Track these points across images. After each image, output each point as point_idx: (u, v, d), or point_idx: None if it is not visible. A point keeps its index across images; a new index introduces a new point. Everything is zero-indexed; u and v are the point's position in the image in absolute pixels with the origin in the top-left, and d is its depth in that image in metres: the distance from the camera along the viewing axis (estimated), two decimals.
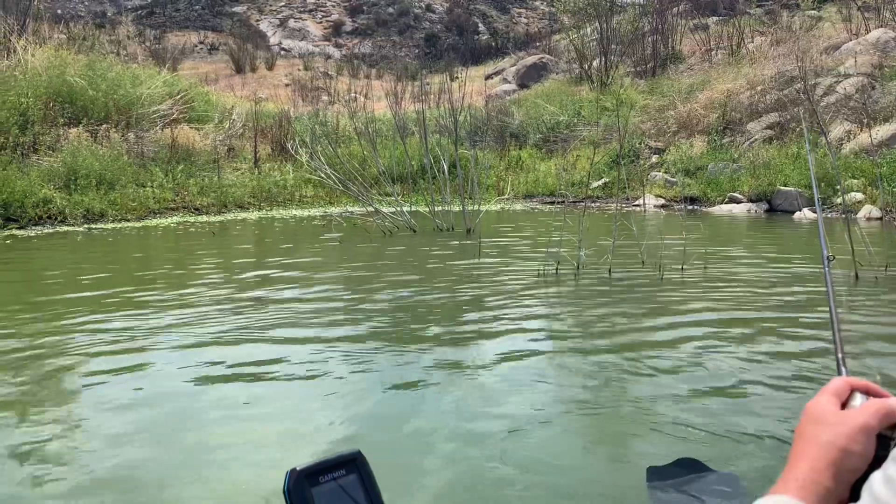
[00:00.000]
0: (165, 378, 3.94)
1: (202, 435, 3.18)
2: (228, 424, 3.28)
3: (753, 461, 2.85)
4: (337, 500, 0.77)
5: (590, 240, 7.95)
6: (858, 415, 0.74)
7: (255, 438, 3.12)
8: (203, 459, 2.93)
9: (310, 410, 3.45)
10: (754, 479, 2.67)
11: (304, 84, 30.66)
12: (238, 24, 43.79)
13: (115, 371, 4.04)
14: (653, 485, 2.59)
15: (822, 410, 0.76)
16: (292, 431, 3.22)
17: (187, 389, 3.78)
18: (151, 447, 3.06)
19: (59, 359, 4.32)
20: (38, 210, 11.46)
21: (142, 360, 4.25)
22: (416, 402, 3.55)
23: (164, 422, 3.34)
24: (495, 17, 46.03)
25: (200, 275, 7.24)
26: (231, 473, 2.81)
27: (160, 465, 2.88)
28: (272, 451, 2.99)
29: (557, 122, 19.58)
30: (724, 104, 16.70)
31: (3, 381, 3.92)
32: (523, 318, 5.30)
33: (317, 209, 14.32)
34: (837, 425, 0.73)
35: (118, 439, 3.12)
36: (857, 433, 0.72)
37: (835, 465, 0.71)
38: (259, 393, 3.71)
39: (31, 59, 15.08)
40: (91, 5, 45.55)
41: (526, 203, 15.64)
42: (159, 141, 15.13)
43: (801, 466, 0.73)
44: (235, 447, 3.03)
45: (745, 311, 5.40)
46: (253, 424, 3.28)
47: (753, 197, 13.32)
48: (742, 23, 22.46)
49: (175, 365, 4.16)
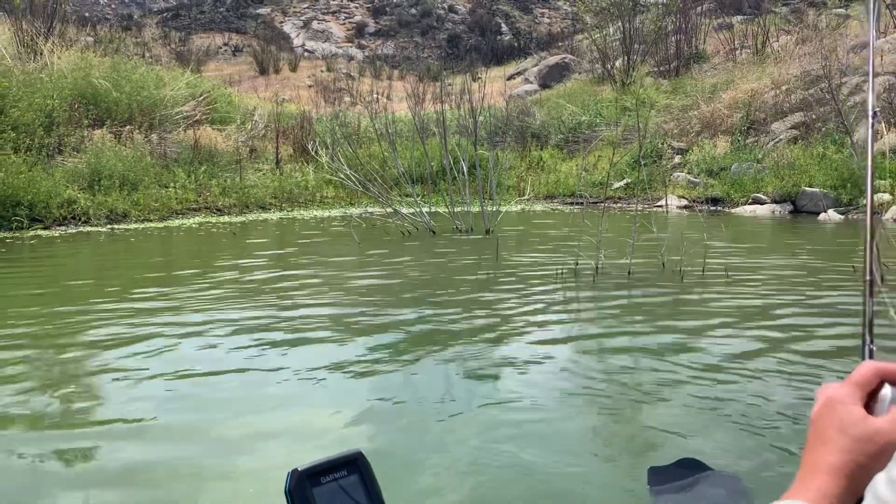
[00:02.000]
0: (184, 373, 3.99)
1: (223, 430, 3.20)
2: (248, 419, 3.30)
3: (755, 461, 2.82)
4: (338, 500, 0.77)
5: (610, 241, 7.89)
6: (887, 428, 0.69)
7: (270, 434, 3.14)
8: (221, 454, 2.95)
9: (324, 409, 3.45)
10: (756, 479, 2.64)
11: (326, 85, 30.81)
12: (262, 26, 44.13)
13: (133, 365, 4.11)
14: (654, 486, 2.57)
15: (844, 413, 0.71)
16: (304, 428, 3.24)
17: (205, 383, 3.84)
18: (166, 441, 3.11)
19: (79, 351, 4.39)
20: (62, 210, 11.59)
21: (160, 355, 4.30)
22: (430, 402, 3.53)
23: (183, 415, 3.39)
24: (518, 17, 45.95)
25: (219, 273, 7.27)
26: (246, 469, 2.81)
27: (177, 459, 2.91)
28: (284, 447, 2.99)
29: (579, 122, 19.49)
30: (748, 104, 16.51)
31: (25, 375, 4.02)
32: (538, 319, 5.26)
33: (337, 210, 14.36)
34: (863, 442, 0.69)
35: (135, 431, 3.17)
36: (882, 453, 0.68)
37: (854, 480, 0.69)
38: (273, 392, 3.72)
39: (58, 62, 15.28)
40: (118, 8, 46.12)
41: (547, 204, 15.58)
42: (182, 142, 15.25)
43: (821, 477, 0.69)
44: (255, 443, 3.05)
45: (764, 312, 5.32)
46: (269, 421, 3.29)
47: (777, 198, 13.14)
48: (767, 21, 22.19)
49: (195, 360, 4.22)
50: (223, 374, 4.01)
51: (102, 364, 4.20)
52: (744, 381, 3.74)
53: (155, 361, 4.21)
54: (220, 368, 4.09)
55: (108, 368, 4.12)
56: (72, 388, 3.81)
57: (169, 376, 3.94)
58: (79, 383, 3.92)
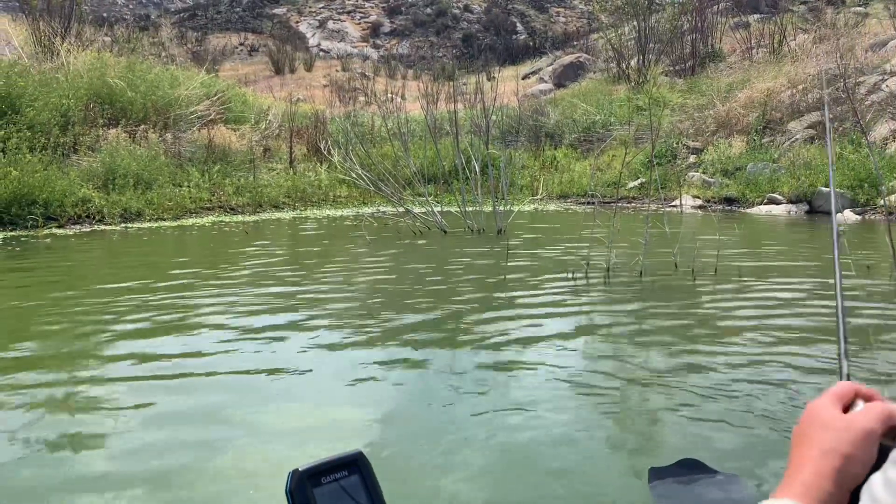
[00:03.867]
0: (199, 366, 4.05)
1: (226, 429, 3.20)
2: (255, 418, 3.31)
3: (756, 461, 2.79)
4: (339, 500, 0.77)
5: (622, 241, 7.84)
6: (861, 419, 0.74)
7: (276, 432, 3.15)
8: (223, 455, 2.95)
9: (333, 408, 3.46)
10: (757, 479, 2.63)
11: (341, 85, 30.87)
12: (278, 26, 44.30)
13: (151, 358, 4.19)
14: (655, 486, 2.56)
15: (825, 414, 0.76)
16: (311, 427, 3.24)
17: (222, 377, 3.89)
18: (170, 436, 3.13)
19: (98, 347, 4.44)
20: (77, 209, 11.67)
21: (176, 350, 4.36)
22: (439, 402, 3.53)
23: (200, 410, 3.43)
24: (533, 16, 45.85)
25: (232, 271, 7.29)
26: (252, 468, 2.81)
27: (178, 457, 2.91)
28: (290, 446, 2.98)
29: (593, 121, 19.40)
30: (764, 103, 16.36)
31: (44, 370, 4.09)
32: (547, 320, 5.22)
33: (350, 209, 14.38)
34: (841, 430, 0.74)
35: (150, 426, 3.22)
36: (861, 439, 0.72)
37: (838, 470, 0.72)
38: (286, 388, 3.74)
39: (74, 62, 15.39)
40: (136, 8, 46.45)
41: (560, 203, 15.51)
42: (196, 141, 15.32)
43: (805, 470, 0.73)
44: (262, 441, 3.05)
45: (774, 313, 5.26)
46: (275, 420, 3.30)
47: (793, 198, 13.01)
48: (784, 20, 22.00)
49: (209, 354, 4.28)
50: (229, 373, 4.03)
51: (115, 357, 4.23)
52: (750, 382, 3.70)
53: (162, 360, 4.23)
54: (227, 366, 4.11)
55: (131, 359, 4.17)
56: (82, 385, 3.82)
57: (177, 372, 3.98)
58: (90, 380, 3.94)
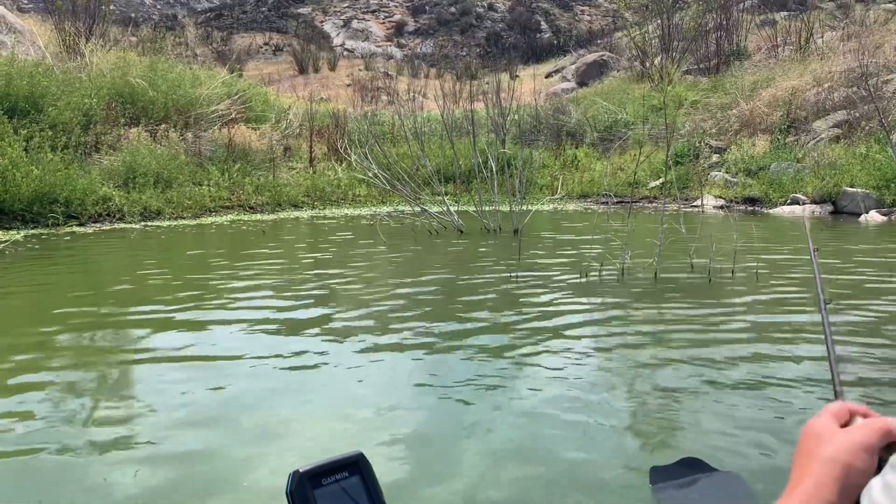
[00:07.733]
0: (221, 364, 4.12)
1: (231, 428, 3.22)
2: (271, 413, 3.32)
3: (757, 462, 2.76)
4: (339, 501, 0.77)
5: (640, 241, 7.73)
6: (860, 432, 0.76)
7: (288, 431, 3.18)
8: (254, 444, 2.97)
9: (338, 408, 3.46)
10: (758, 479, 2.60)
11: (364, 84, 30.90)
12: (303, 26, 44.47)
13: (173, 357, 4.25)
14: (655, 486, 2.53)
15: (824, 429, 0.78)
16: (327, 424, 3.26)
17: (243, 373, 3.95)
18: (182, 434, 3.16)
19: (120, 343, 4.54)
20: (97, 207, 11.79)
21: (196, 350, 4.41)
22: (444, 402, 3.51)
23: (220, 406, 3.46)
24: (558, 14, 45.60)
25: (248, 269, 7.30)
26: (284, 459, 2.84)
27: (183, 456, 2.93)
28: (300, 445, 2.99)
29: (615, 120, 19.23)
30: (788, 102, 16.10)
31: (67, 365, 4.15)
32: (560, 319, 5.16)
33: (368, 209, 14.38)
34: (840, 443, 0.75)
35: (172, 421, 3.27)
36: (860, 450, 0.74)
37: (838, 480, 0.73)
38: (303, 386, 3.76)
39: (97, 62, 15.54)
40: (163, 9, 46.88)
41: (580, 203, 15.39)
42: (217, 140, 15.41)
43: (806, 482, 0.74)
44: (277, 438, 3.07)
45: (790, 317, 5.15)
46: (288, 416, 3.32)
47: (817, 198, 12.77)
48: (812, 17, 21.64)
49: (230, 352, 4.32)
50: (241, 361, 4.09)
51: (135, 355, 4.26)
52: (757, 383, 3.65)
53: (184, 357, 4.27)
54: (240, 362, 4.13)
55: (142, 359, 4.23)
56: (99, 381, 3.83)
57: (196, 366, 4.06)
58: (110, 376, 4.00)
